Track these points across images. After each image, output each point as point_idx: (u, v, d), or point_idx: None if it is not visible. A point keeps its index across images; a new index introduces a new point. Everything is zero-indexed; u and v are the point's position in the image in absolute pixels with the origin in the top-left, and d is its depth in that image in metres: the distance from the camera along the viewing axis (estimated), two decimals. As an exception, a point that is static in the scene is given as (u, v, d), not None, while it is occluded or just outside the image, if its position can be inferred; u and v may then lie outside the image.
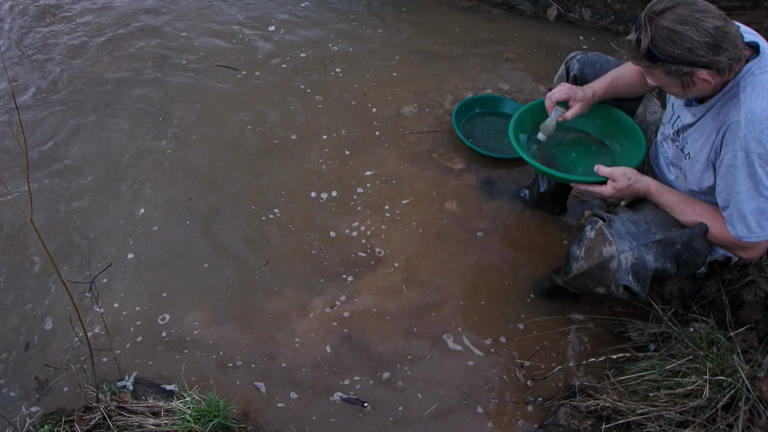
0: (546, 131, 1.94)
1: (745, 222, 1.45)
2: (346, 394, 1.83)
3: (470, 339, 1.97)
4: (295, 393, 1.83)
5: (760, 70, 1.38)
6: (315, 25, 3.21)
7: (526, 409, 1.81)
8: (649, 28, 1.35)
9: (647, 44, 1.36)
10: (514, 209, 2.35)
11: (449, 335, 1.98)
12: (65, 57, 2.97)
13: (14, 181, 2.42)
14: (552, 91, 1.87)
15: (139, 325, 1.99)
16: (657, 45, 1.35)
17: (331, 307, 2.04)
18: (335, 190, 2.40)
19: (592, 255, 1.57)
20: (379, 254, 2.19)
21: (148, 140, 2.58)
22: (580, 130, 2.03)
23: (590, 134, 2.02)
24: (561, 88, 1.87)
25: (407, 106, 2.76)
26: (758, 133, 1.36)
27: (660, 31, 1.34)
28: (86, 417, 1.67)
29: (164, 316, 2.01)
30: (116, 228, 2.26)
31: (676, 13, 1.33)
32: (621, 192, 1.66)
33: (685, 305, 1.92)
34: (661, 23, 1.33)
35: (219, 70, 2.91)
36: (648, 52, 1.37)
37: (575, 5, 3.22)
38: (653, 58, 1.37)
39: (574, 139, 2.03)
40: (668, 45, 1.34)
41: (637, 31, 1.39)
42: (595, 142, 2.02)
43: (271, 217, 2.29)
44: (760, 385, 1.50)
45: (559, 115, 1.87)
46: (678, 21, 1.32)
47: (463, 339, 1.96)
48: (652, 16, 1.35)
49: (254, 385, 1.84)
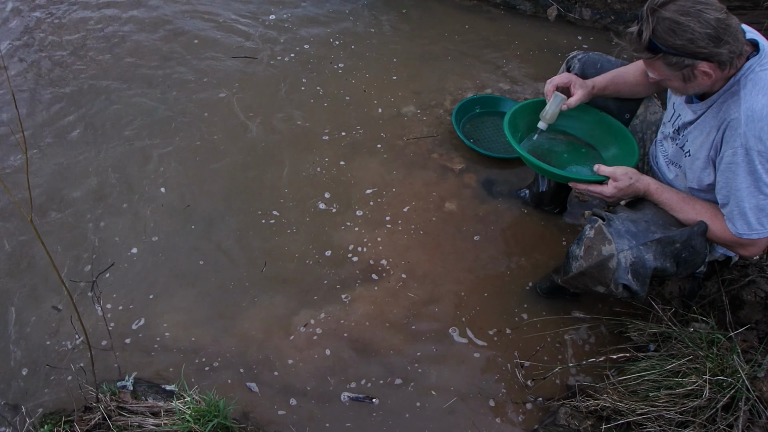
0: (548, 119, 1.91)
1: (745, 219, 1.45)
2: (353, 393, 1.83)
3: (471, 332, 1.97)
4: (302, 398, 1.82)
5: (760, 67, 1.38)
6: (315, 24, 3.21)
7: (526, 409, 1.81)
8: (651, 20, 1.35)
9: (649, 35, 1.36)
10: (514, 209, 2.35)
11: (454, 328, 1.98)
12: (71, 53, 2.97)
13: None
14: (552, 78, 1.89)
15: (140, 325, 1.99)
16: (658, 36, 1.35)
17: (328, 314, 2.04)
18: (333, 192, 2.40)
19: (591, 254, 1.57)
20: (380, 256, 2.19)
21: (143, 139, 2.58)
22: (568, 133, 2.04)
23: (579, 138, 2.03)
24: (561, 75, 1.88)
25: (407, 105, 2.76)
26: (758, 131, 1.36)
27: (662, 22, 1.34)
28: (86, 417, 1.67)
29: (164, 317, 2.01)
30: (116, 228, 2.26)
31: (678, 5, 1.33)
32: (622, 191, 1.66)
33: (685, 305, 1.91)
34: (663, 14, 1.34)
35: (216, 73, 2.91)
36: (649, 43, 1.37)
37: (575, 5, 3.22)
38: (655, 49, 1.37)
39: (563, 141, 2.04)
40: (670, 36, 1.34)
41: (639, 23, 1.39)
42: (584, 145, 2.02)
43: (272, 222, 2.29)
44: (760, 385, 1.50)
45: (562, 102, 1.86)
46: (680, 12, 1.33)
47: (466, 332, 1.97)
48: (655, 7, 1.36)
49: (247, 386, 1.84)
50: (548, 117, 1.90)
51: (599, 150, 2.00)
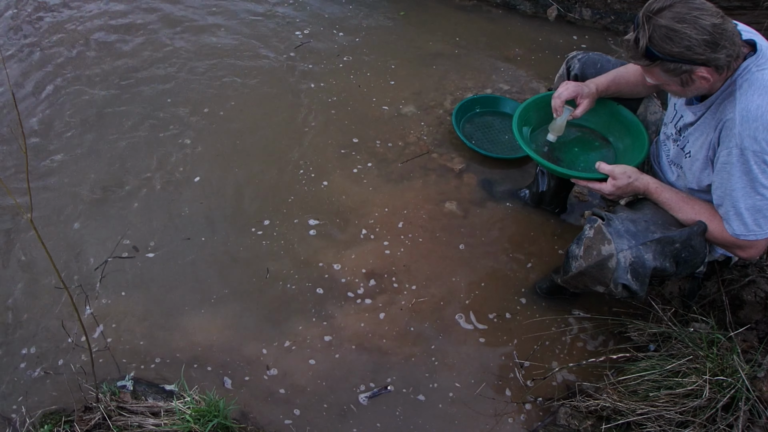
0: (556, 131, 1.93)
1: (741, 219, 1.45)
2: (369, 390, 1.83)
3: (472, 321, 1.97)
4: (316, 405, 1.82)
5: (757, 67, 1.38)
6: (315, 24, 3.21)
7: (526, 409, 1.81)
8: (647, 27, 1.35)
9: (645, 43, 1.36)
10: (514, 209, 2.35)
11: (459, 316, 1.99)
12: (101, 46, 2.98)
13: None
14: (559, 91, 1.87)
15: (139, 325, 1.99)
16: (655, 44, 1.35)
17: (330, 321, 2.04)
18: (330, 186, 2.41)
19: (590, 254, 1.57)
20: (381, 257, 2.19)
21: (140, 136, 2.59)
22: (582, 125, 2.03)
23: (593, 130, 2.02)
24: (567, 87, 1.86)
25: (407, 105, 2.76)
26: (753, 131, 1.36)
27: (658, 30, 1.34)
28: (86, 417, 1.67)
29: (163, 318, 2.02)
30: (118, 228, 2.27)
31: (674, 12, 1.33)
32: (621, 190, 1.66)
33: (685, 305, 1.91)
34: (658, 22, 1.34)
35: (207, 78, 2.92)
36: (647, 50, 1.37)
37: (575, 5, 3.22)
38: (652, 56, 1.37)
39: (576, 134, 2.04)
40: (666, 43, 1.34)
41: (635, 31, 1.39)
42: (598, 138, 2.02)
43: (260, 233, 2.28)
44: (760, 385, 1.50)
45: (570, 114, 1.87)
46: (676, 19, 1.32)
47: (465, 332, 1.97)
48: (650, 15, 1.35)
49: (222, 380, 1.83)
50: (557, 129, 1.92)
51: (613, 141, 1.99)
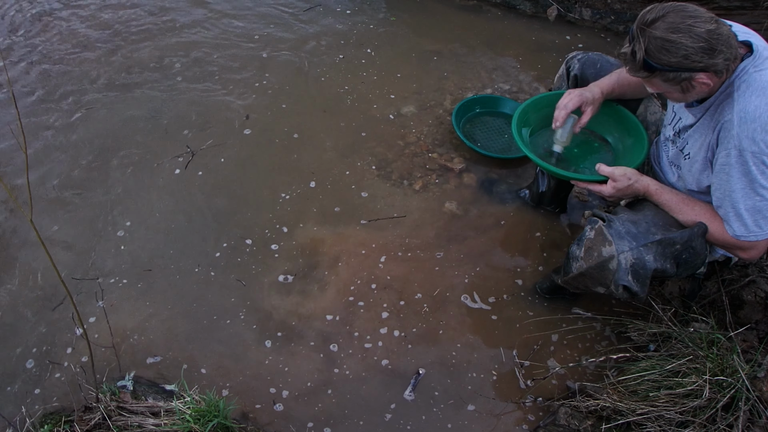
0: (563, 142, 1.89)
1: (741, 220, 1.45)
2: (408, 384, 1.83)
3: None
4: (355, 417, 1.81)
5: (754, 68, 1.38)
6: (315, 24, 3.21)
7: (526, 409, 1.81)
8: (642, 40, 1.34)
9: (642, 56, 1.35)
10: (514, 209, 2.35)
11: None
12: (129, 41, 2.98)
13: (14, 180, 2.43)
14: (563, 102, 1.82)
15: (139, 325, 1.99)
16: (652, 55, 1.34)
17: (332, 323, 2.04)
18: (333, 187, 2.41)
19: (591, 255, 1.57)
20: (379, 260, 2.19)
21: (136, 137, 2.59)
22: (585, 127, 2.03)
23: (593, 131, 2.02)
24: (571, 96, 1.81)
25: (407, 105, 2.76)
26: (751, 132, 1.36)
27: (653, 42, 1.33)
28: (86, 417, 1.67)
29: (167, 319, 2.02)
30: (117, 228, 2.26)
31: (668, 22, 1.32)
32: (621, 192, 1.66)
33: (685, 305, 1.91)
34: (653, 33, 1.33)
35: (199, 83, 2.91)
36: (644, 63, 1.36)
37: (575, 5, 3.22)
38: (650, 68, 1.37)
39: (576, 136, 2.03)
40: (663, 54, 1.33)
41: (630, 43, 1.38)
42: (598, 138, 2.01)
43: (248, 243, 2.29)
44: (760, 385, 1.50)
45: (574, 124, 1.85)
46: (670, 29, 1.32)
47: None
48: (644, 27, 1.35)
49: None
50: (563, 140, 1.89)
51: (612, 142, 1.98)
